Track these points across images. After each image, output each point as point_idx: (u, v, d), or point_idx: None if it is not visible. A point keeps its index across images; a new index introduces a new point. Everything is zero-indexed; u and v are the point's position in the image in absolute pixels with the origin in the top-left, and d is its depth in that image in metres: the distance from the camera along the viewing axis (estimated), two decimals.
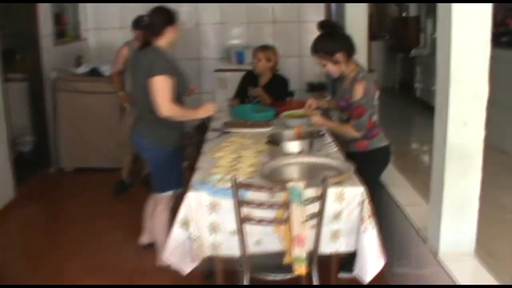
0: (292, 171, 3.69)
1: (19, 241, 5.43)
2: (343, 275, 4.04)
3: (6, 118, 6.02)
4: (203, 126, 4.83)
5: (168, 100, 3.95)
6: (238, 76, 6.29)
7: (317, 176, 3.35)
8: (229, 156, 3.98)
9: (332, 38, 4.07)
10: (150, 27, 4.11)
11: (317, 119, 4.28)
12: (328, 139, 4.51)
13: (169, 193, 4.35)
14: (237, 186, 3.00)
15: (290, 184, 2.96)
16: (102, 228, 5.48)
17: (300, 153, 3.87)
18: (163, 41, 4.12)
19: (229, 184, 3.21)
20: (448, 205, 3.14)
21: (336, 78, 4.26)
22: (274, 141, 3.94)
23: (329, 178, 3.09)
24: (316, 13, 8.84)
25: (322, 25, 4.14)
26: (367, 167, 3.90)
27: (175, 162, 4.32)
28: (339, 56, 4.05)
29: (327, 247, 3.41)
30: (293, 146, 3.89)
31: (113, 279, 4.40)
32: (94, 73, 7.33)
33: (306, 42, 8.81)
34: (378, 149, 4.19)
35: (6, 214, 5.85)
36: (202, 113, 4.28)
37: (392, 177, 4.62)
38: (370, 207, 3.34)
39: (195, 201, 3.33)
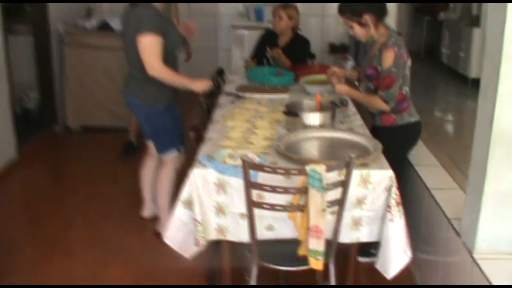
0: (312, 148, 3.30)
1: (20, 204, 5.16)
2: (362, 259, 3.70)
3: (7, 73, 5.66)
4: (213, 91, 4.45)
5: (157, 59, 3.76)
6: (256, 34, 5.92)
7: (340, 156, 2.96)
8: (242, 126, 3.59)
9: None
10: None
11: (342, 87, 3.88)
12: (352, 109, 4.11)
13: (173, 152, 4.15)
14: (248, 167, 2.60)
15: (310, 167, 2.56)
16: (106, 194, 5.17)
17: (322, 126, 3.47)
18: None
19: (239, 161, 2.84)
20: (489, 198, 2.73)
21: (362, 41, 3.85)
22: (293, 112, 3.53)
23: (355, 160, 2.67)
24: None
25: None
26: (395, 144, 3.55)
27: (170, 120, 4.09)
28: (367, 18, 3.63)
29: (347, 236, 3.03)
30: (314, 118, 3.49)
31: (110, 254, 4.11)
32: (104, 27, 6.93)
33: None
34: (407, 125, 3.78)
35: (8, 174, 5.56)
36: (196, 85, 3.95)
37: (420, 155, 4.20)
38: (398, 193, 2.95)
39: (201, 179, 2.94)
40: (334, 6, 8.37)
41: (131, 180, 4.91)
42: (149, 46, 3.73)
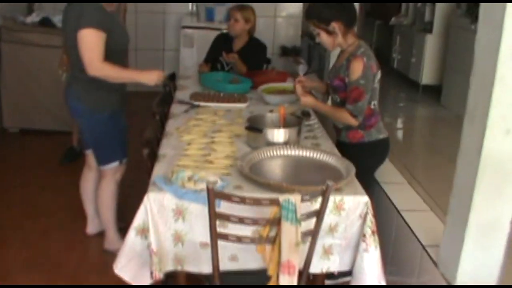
0: (278, 168, 3.04)
1: None
2: (329, 282, 3.46)
3: None
4: (165, 96, 4.14)
5: (98, 57, 3.42)
6: (206, 35, 5.64)
7: (309, 179, 2.72)
8: (200, 141, 3.30)
9: (330, 5, 3.38)
10: None
11: (307, 99, 3.59)
12: (315, 121, 3.86)
13: (114, 164, 3.84)
14: (214, 196, 2.31)
15: (283, 198, 2.28)
16: (45, 207, 4.74)
17: (287, 143, 3.20)
18: None
19: (200, 185, 2.55)
20: (473, 228, 2.52)
21: (316, 44, 3.62)
22: (256, 127, 3.24)
23: (332, 184, 2.41)
24: None
25: None
26: (361, 162, 3.27)
27: (115, 129, 3.78)
28: (335, 25, 3.38)
29: (317, 265, 2.77)
30: (279, 134, 3.21)
31: (55, 276, 3.73)
32: (46, 23, 6.44)
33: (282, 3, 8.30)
34: (375, 142, 3.56)
35: None
36: (146, 77, 3.60)
37: (385, 171, 3.98)
38: (374, 220, 2.71)
39: (157, 204, 2.63)
40: (286, 7, 8.34)
41: (73, 190, 4.48)
42: (89, 42, 3.39)
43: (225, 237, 2.41)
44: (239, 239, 2.39)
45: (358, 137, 3.52)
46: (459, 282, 2.61)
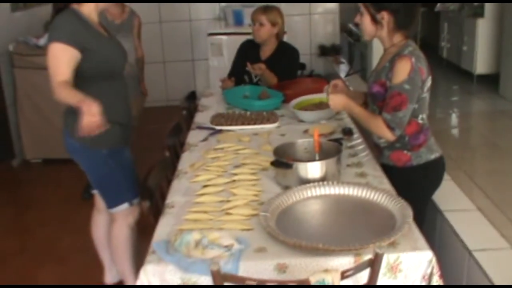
0: (313, 216, 2.41)
1: None
2: None
3: None
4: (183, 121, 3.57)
5: (59, 76, 2.83)
6: (236, 41, 5.02)
7: (353, 222, 2.09)
8: (217, 183, 2.69)
9: None
10: None
11: (337, 99, 2.93)
12: (359, 140, 3.23)
13: (123, 206, 3.27)
14: (220, 278, 1.70)
15: (315, 278, 1.66)
16: (64, 250, 4.30)
17: (324, 179, 2.57)
18: (86, 6, 3.04)
19: (210, 252, 1.96)
20: None
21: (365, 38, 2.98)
22: (283, 162, 2.61)
23: (382, 253, 1.78)
24: None
25: None
26: (411, 189, 2.66)
27: (119, 167, 3.20)
28: (385, 16, 2.76)
29: None
30: (313, 169, 2.58)
31: None
32: None
33: None
34: (426, 165, 2.89)
35: None
36: (85, 107, 2.73)
37: (447, 193, 3.30)
38: (441, 281, 2.06)
39: (157, 279, 2.04)
40: (321, 3, 7.71)
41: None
42: (54, 58, 2.86)
43: None
44: None
45: (405, 160, 2.88)
46: None
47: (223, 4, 7.49)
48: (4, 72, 5.91)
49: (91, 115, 2.67)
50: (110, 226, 3.42)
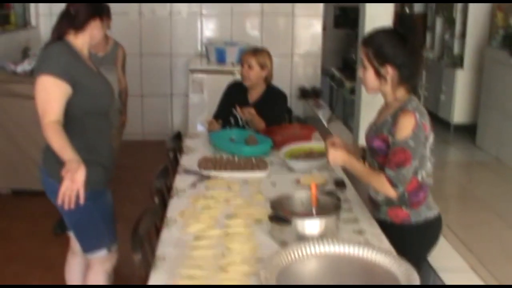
0: (314, 276, 2.29)
1: None
2: None
3: None
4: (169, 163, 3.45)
5: (49, 111, 2.73)
6: (217, 79, 4.98)
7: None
8: (211, 234, 2.57)
9: (397, 44, 2.69)
10: (70, 17, 2.94)
11: (337, 155, 2.83)
12: (353, 194, 3.15)
13: (101, 253, 3.12)
14: None
15: None
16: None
17: (323, 236, 2.47)
18: (80, 38, 2.97)
19: None
20: None
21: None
22: (281, 217, 2.50)
23: None
24: (312, 6, 7.48)
25: (401, 18, 2.75)
26: (408, 247, 2.60)
27: (99, 209, 3.05)
28: (389, 70, 2.70)
29: None
30: (312, 225, 2.48)
31: None
32: None
33: (299, 39, 7.67)
34: (425, 223, 2.83)
35: None
36: (71, 164, 2.65)
37: (439, 251, 3.23)
38: None
39: None
40: (303, 43, 7.69)
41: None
42: (44, 92, 2.76)
43: None
44: None
45: (402, 217, 2.81)
46: None
47: (205, 41, 7.44)
48: None
49: (73, 182, 2.56)
50: (86, 271, 3.26)
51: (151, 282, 2.19)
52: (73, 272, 3.42)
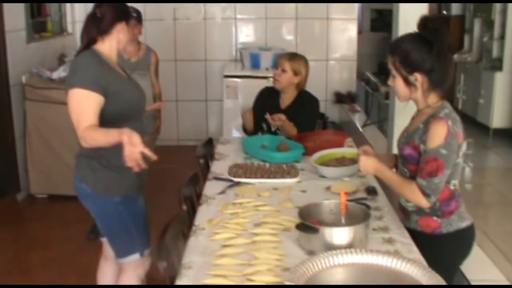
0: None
1: None
2: None
3: None
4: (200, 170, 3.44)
5: (84, 123, 2.76)
6: (251, 84, 4.96)
7: None
8: (238, 243, 2.54)
9: (423, 50, 2.61)
10: (97, 20, 2.96)
11: (369, 162, 2.78)
12: (384, 202, 3.08)
13: (134, 257, 3.12)
14: None
15: None
16: None
17: (351, 245, 2.42)
18: (107, 43, 2.98)
19: None
20: None
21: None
22: (309, 226, 2.46)
23: None
24: (347, 10, 7.41)
25: (425, 23, 2.64)
26: (438, 258, 2.55)
27: (131, 215, 3.08)
28: (418, 77, 2.62)
29: None
30: (340, 234, 2.43)
31: None
32: None
33: (334, 43, 7.61)
34: (456, 233, 2.74)
35: None
36: (127, 138, 2.66)
37: (476, 262, 3.15)
38: None
39: None
40: (339, 48, 7.64)
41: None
42: (78, 104, 2.79)
43: None
44: None
45: (434, 227, 2.73)
46: None
47: (240, 46, 7.43)
48: (15, 103, 5.85)
49: (132, 145, 2.60)
50: (119, 277, 3.26)
51: None
52: (106, 278, 3.44)
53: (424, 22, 2.64)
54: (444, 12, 9.65)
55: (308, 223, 2.48)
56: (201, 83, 7.66)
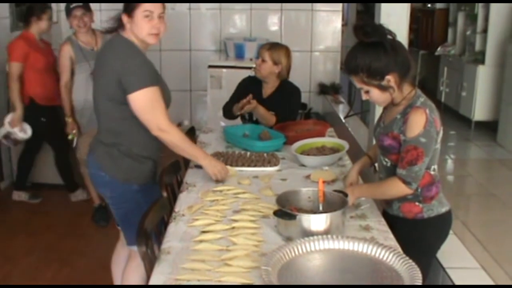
0: (317, 273, 2.29)
1: None
2: None
3: None
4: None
5: (162, 115, 2.92)
6: (236, 74, 4.97)
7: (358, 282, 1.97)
8: (216, 229, 2.58)
9: (380, 53, 2.61)
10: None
11: (357, 193, 2.86)
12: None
13: None
14: None
15: None
16: (50, 277, 4.17)
17: (328, 232, 2.46)
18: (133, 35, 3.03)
19: None
20: None
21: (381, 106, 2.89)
22: (287, 212, 2.50)
23: None
24: (332, 2, 7.45)
25: (363, 30, 2.65)
26: (418, 242, 2.67)
27: (147, 203, 2.98)
28: (390, 78, 2.64)
29: None
30: (318, 221, 2.47)
31: None
32: None
33: (319, 34, 7.63)
34: (437, 218, 2.81)
35: None
36: (210, 165, 3.15)
37: (450, 249, 3.20)
38: None
39: None
40: (324, 39, 7.67)
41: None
42: (151, 101, 2.88)
43: None
44: None
45: (415, 212, 2.79)
46: None
47: (225, 37, 7.43)
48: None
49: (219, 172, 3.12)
50: (127, 263, 3.28)
51: (154, 274, 2.21)
52: (119, 264, 3.45)
53: (362, 30, 2.64)
54: (429, 5, 9.70)
55: (286, 209, 2.52)
56: (186, 73, 7.65)
